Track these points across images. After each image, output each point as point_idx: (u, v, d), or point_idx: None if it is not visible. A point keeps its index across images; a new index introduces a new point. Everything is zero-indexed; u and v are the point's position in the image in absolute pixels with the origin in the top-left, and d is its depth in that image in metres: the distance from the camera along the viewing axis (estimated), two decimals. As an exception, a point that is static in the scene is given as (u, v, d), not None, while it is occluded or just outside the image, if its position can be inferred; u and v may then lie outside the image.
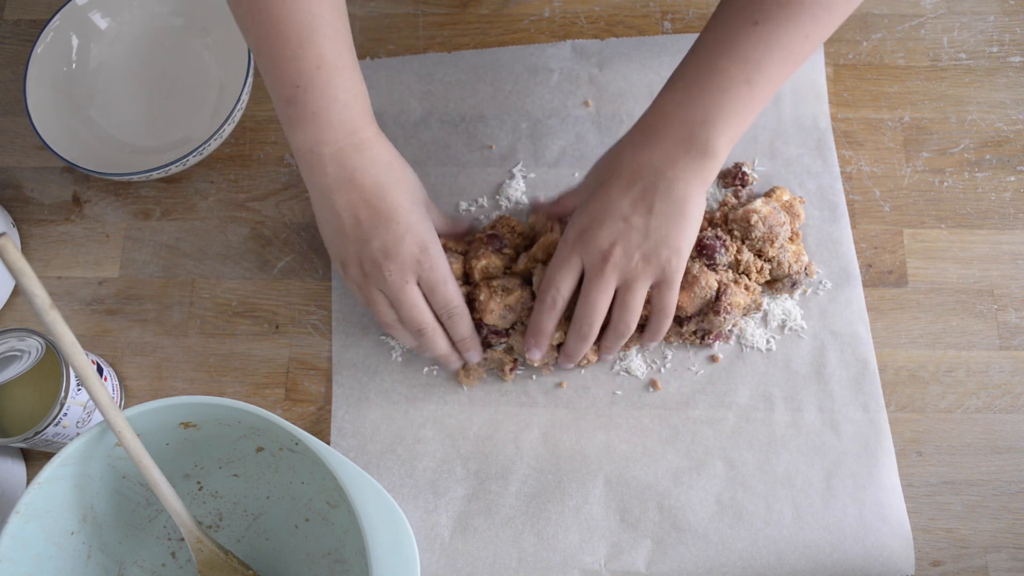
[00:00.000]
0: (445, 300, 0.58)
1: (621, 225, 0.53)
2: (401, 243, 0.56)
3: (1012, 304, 0.65)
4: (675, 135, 0.53)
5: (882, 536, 0.59)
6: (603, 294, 0.55)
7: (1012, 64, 0.70)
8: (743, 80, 0.51)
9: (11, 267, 0.45)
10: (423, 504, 0.61)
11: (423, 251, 0.56)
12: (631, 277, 0.55)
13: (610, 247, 0.54)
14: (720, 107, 0.52)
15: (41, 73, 0.70)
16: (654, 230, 0.53)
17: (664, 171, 0.53)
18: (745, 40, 0.51)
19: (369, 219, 0.56)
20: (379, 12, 0.75)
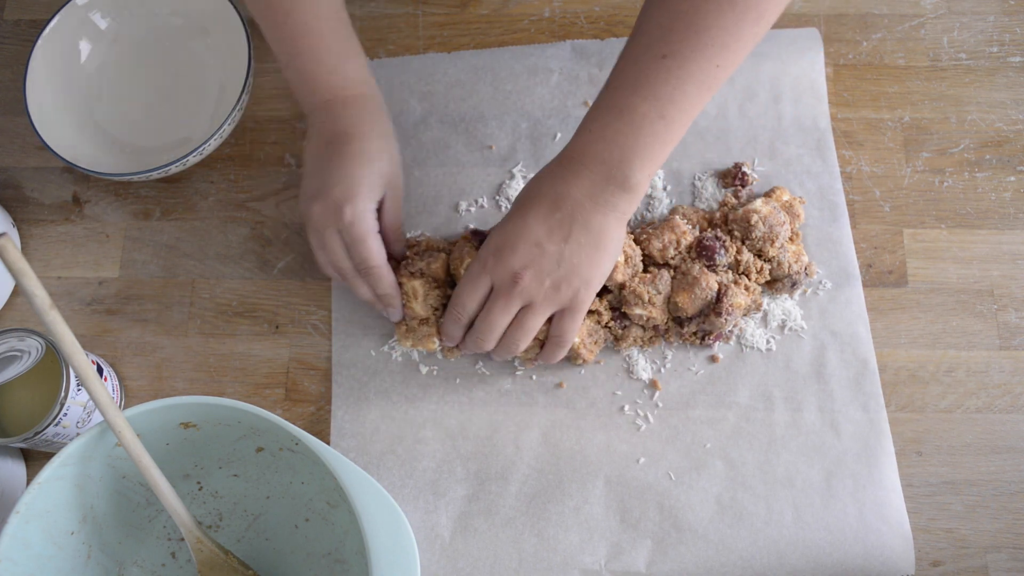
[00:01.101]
0: (360, 257, 0.59)
1: (535, 250, 0.54)
2: (333, 187, 0.57)
3: (1012, 304, 0.65)
4: (594, 172, 0.53)
5: (882, 536, 0.59)
6: (504, 315, 0.57)
7: (1012, 64, 0.70)
8: (657, 116, 0.52)
9: (11, 267, 0.45)
10: (423, 504, 0.61)
11: (348, 202, 0.57)
12: (536, 302, 0.56)
13: (521, 270, 0.54)
14: (636, 145, 0.52)
15: (41, 73, 0.70)
16: (567, 259, 0.54)
17: (583, 203, 0.54)
18: (655, 76, 0.51)
19: (322, 158, 0.58)
20: (379, 12, 0.75)
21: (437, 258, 0.62)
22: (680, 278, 0.61)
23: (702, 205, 0.67)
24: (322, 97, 0.59)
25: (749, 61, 0.70)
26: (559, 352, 0.60)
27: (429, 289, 0.61)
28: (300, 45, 0.58)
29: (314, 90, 0.59)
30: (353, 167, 0.57)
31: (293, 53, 0.59)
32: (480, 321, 0.58)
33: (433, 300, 0.62)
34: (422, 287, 0.61)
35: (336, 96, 0.59)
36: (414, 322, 0.62)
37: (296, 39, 0.58)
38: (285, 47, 0.59)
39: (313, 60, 0.59)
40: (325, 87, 0.59)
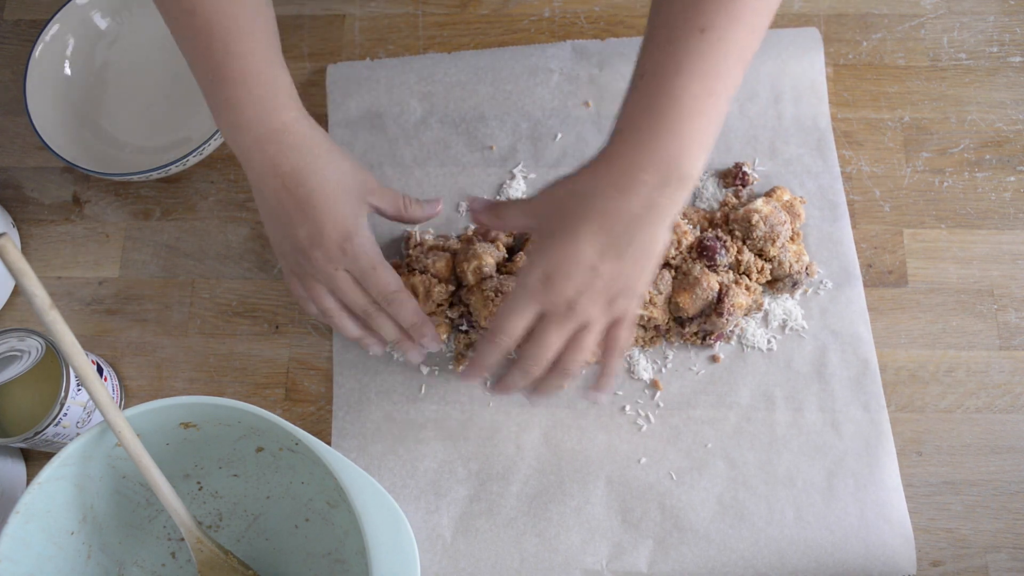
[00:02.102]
0: (378, 286, 0.56)
1: (589, 274, 0.50)
2: (323, 231, 0.54)
3: (1012, 304, 0.65)
4: (652, 177, 0.49)
5: (883, 535, 0.59)
6: (560, 339, 0.52)
7: (1012, 64, 0.71)
8: (706, 95, 0.48)
9: (11, 267, 0.45)
10: (425, 505, 0.61)
11: (346, 239, 0.55)
12: (591, 321, 0.52)
13: (576, 297, 0.51)
14: (693, 134, 0.49)
15: (41, 73, 0.70)
16: (622, 277, 0.51)
17: (641, 218, 0.49)
18: (696, 52, 0.48)
19: (291, 206, 0.55)
20: (379, 12, 0.75)
21: (441, 257, 0.62)
22: (681, 278, 0.61)
23: (703, 205, 0.67)
24: (252, 132, 0.54)
25: (749, 61, 0.70)
26: (616, 364, 0.55)
27: (432, 285, 0.61)
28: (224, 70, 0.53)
29: (240, 123, 0.54)
30: (327, 203, 0.54)
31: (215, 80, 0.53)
32: (531, 347, 0.53)
33: (437, 296, 0.62)
34: (422, 284, 0.61)
35: (267, 130, 0.54)
36: None
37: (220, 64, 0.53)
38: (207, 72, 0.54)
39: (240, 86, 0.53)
40: (254, 120, 0.54)
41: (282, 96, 0.55)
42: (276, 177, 0.55)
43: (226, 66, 0.53)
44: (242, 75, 0.53)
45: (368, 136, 0.71)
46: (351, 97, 0.72)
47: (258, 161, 0.55)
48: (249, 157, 0.55)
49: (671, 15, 0.49)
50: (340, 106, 0.71)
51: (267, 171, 0.55)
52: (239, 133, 0.54)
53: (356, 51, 0.74)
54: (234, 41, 0.53)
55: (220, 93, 0.54)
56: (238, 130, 0.54)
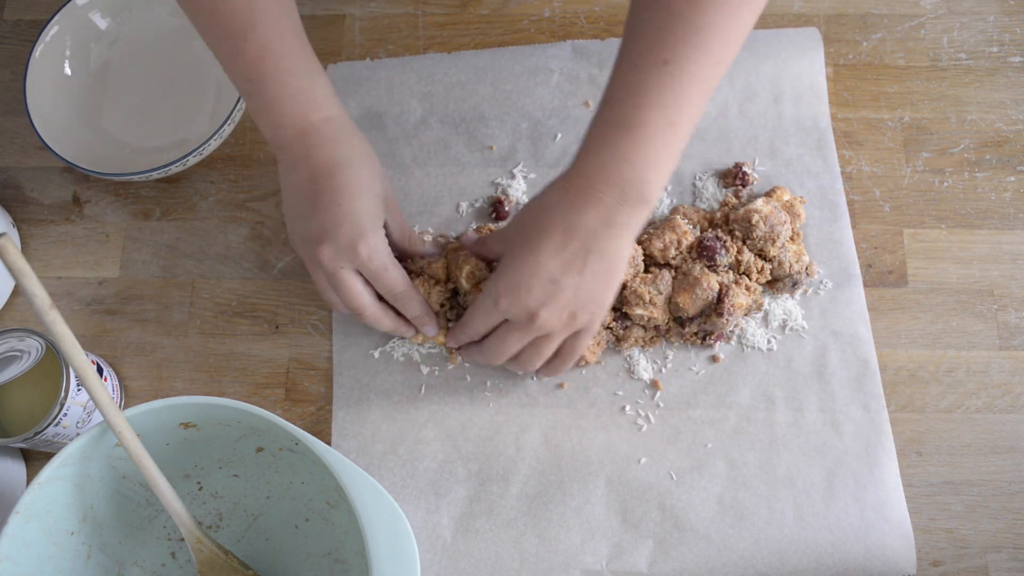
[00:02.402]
0: (389, 287, 0.57)
1: (550, 287, 0.53)
2: (339, 227, 0.55)
3: (1012, 304, 0.65)
4: (609, 196, 0.51)
5: (883, 535, 0.59)
6: (519, 344, 0.56)
7: (1012, 64, 0.71)
8: (665, 125, 0.50)
9: (11, 267, 0.45)
10: (425, 505, 0.61)
11: (361, 238, 0.55)
12: (553, 332, 0.55)
13: (538, 308, 0.53)
14: (649, 160, 0.51)
15: (41, 73, 0.70)
16: (584, 289, 0.53)
17: (598, 231, 0.52)
18: (658, 84, 0.50)
19: (314, 196, 0.55)
20: (379, 12, 0.75)
21: (438, 259, 0.63)
22: (681, 278, 0.61)
23: (703, 205, 0.67)
24: (292, 128, 0.55)
25: (749, 61, 0.70)
26: (566, 367, 0.59)
27: (431, 287, 0.61)
28: (262, 70, 0.54)
29: (281, 121, 0.55)
30: (351, 201, 0.55)
31: (253, 79, 0.54)
32: (493, 343, 0.57)
33: (436, 297, 0.62)
34: (421, 285, 0.61)
35: (308, 124, 0.55)
36: None
37: (257, 64, 0.54)
38: (245, 74, 0.55)
39: (278, 85, 0.54)
40: (293, 116, 0.55)
41: (321, 93, 0.56)
42: (307, 168, 0.55)
43: (263, 67, 0.54)
44: (280, 75, 0.54)
45: (368, 136, 0.70)
46: (351, 97, 0.72)
47: (293, 153, 0.56)
48: (286, 153, 0.56)
49: (636, 45, 0.51)
50: (340, 106, 0.71)
51: (299, 162, 0.55)
52: (280, 129, 0.55)
53: (356, 51, 0.74)
54: (270, 41, 0.54)
55: (259, 91, 0.55)
56: (278, 126, 0.55)
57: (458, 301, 0.63)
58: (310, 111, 0.55)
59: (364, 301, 0.58)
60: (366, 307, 0.58)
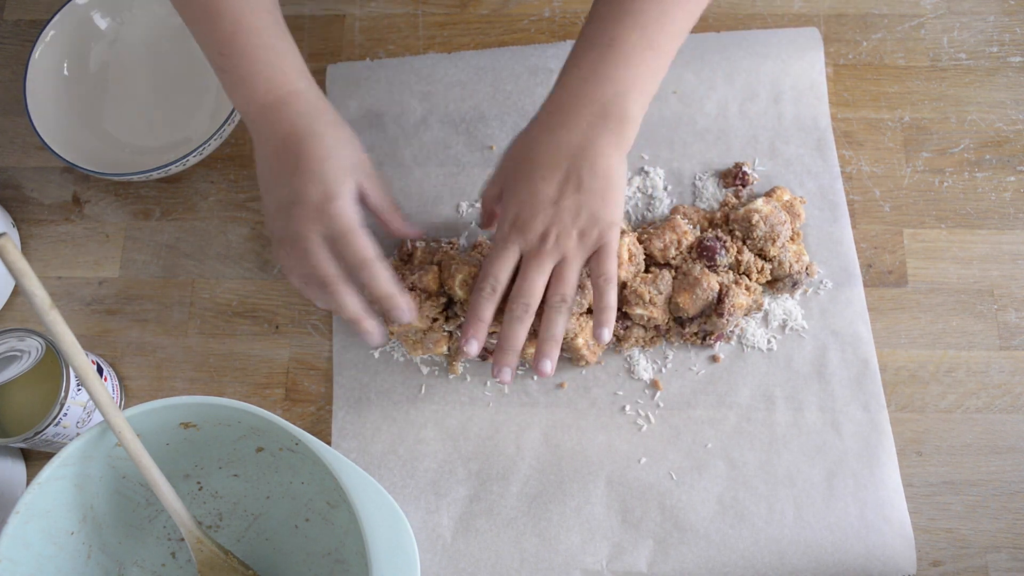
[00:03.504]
0: (352, 250, 0.54)
1: (551, 210, 0.54)
2: (304, 189, 0.54)
3: (1012, 304, 0.65)
4: (589, 113, 0.52)
5: (883, 535, 0.59)
6: (541, 274, 0.55)
7: (1012, 64, 0.71)
8: (646, 47, 0.52)
9: (11, 267, 0.45)
10: (425, 505, 0.61)
11: (328, 199, 0.54)
12: (568, 255, 0.55)
13: (545, 232, 0.54)
14: (628, 78, 0.52)
15: (41, 73, 0.70)
16: (585, 207, 0.54)
17: (585, 149, 0.53)
18: (640, 5, 0.51)
19: (282, 165, 0.55)
20: (379, 12, 0.75)
21: (428, 271, 0.61)
22: (681, 278, 0.61)
23: (703, 205, 0.67)
24: (262, 102, 0.55)
25: (749, 61, 0.70)
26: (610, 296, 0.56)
27: (422, 301, 0.61)
28: (234, 45, 0.55)
29: (252, 95, 0.55)
30: (318, 164, 0.54)
31: (226, 54, 0.55)
32: (517, 287, 0.56)
33: (429, 311, 0.61)
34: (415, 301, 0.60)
35: (276, 98, 0.55)
36: (418, 334, 0.62)
37: (229, 39, 0.55)
38: (218, 48, 0.55)
39: (249, 60, 0.55)
40: (263, 90, 0.55)
41: (290, 68, 0.57)
42: (275, 139, 0.55)
43: (236, 41, 0.55)
44: (253, 49, 0.55)
45: (368, 136, 0.71)
46: (351, 97, 0.72)
47: (262, 127, 0.56)
48: (256, 126, 0.56)
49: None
50: (340, 106, 0.71)
51: (268, 134, 0.56)
52: (248, 104, 0.56)
53: (356, 51, 0.74)
54: (243, 16, 0.55)
55: (231, 66, 0.55)
56: (248, 101, 0.56)
57: (454, 311, 0.62)
58: (279, 85, 0.56)
59: (330, 270, 0.54)
60: (332, 278, 0.54)
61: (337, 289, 0.55)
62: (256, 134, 0.57)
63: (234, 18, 0.55)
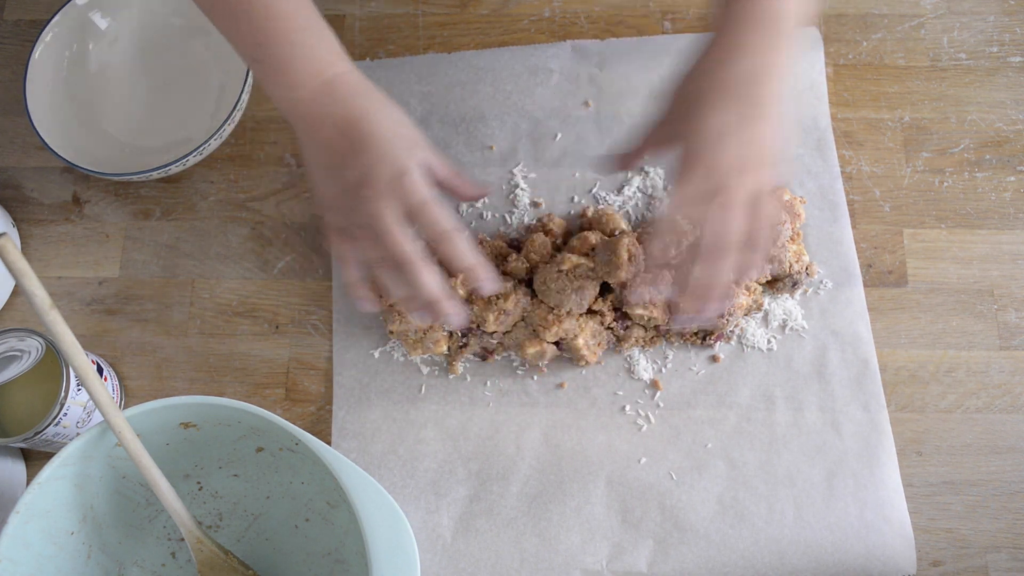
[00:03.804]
0: (432, 220, 0.52)
1: (735, 142, 0.51)
2: (374, 168, 0.52)
3: (1012, 304, 0.65)
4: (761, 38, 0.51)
5: (884, 535, 0.59)
6: (737, 210, 0.51)
7: (1012, 64, 0.71)
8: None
9: (11, 267, 0.45)
10: (425, 505, 0.61)
11: (400, 174, 0.52)
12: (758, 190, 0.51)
13: (737, 162, 0.51)
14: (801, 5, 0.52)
15: (41, 73, 0.70)
16: (766, 138, 0.51)
17: (760, 75, 0.51)
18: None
19: (344, 149, 0.53)
20: (379, 12, 0.75)
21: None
22: (681, 278, 0.61)
23: (702, 205, 0.67)
24: (308, 88, 0.54)
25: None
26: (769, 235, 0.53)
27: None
28: (270, 31, 0.53)
29: (296, 82, 0.54)
30: (384, 143, 0.53)
31: (262, 43, 0.53)
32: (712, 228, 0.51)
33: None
34: None
35: (323, 82, 0.54)
36: (418, 333, 0.62)
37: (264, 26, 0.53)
38: (254, 38, 0.54)
39: (288, 44, 0.53)
40: (308, 75, 0.54)
41: (331, 49, 0.55)
42: (330, 124, 0.54)
43: (271, 28, 0.53)
44: (289, 34, 0.54)
45: (368, 136, 0.70)
46: (351, 97, 0.72)
47: (312, 113, 0.54)
48: (303, 112, 0.54)
49: None
50: (340, 106, 0.71)
51: (321, 121, 0.54)
52: (293, 91, 0.54)
53: (356, 51, 0.74)
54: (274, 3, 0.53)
55: (269, 55, 0.54)
56: (292, 88, 0.54)
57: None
58: (324, 68, 0.54)
59: (410, 247, 0.52)
60: (412, 255, 0.52)
61: (419, 268, 0.52)
62: (303, 121, 0.55)
63: (266, 3, 0.53)
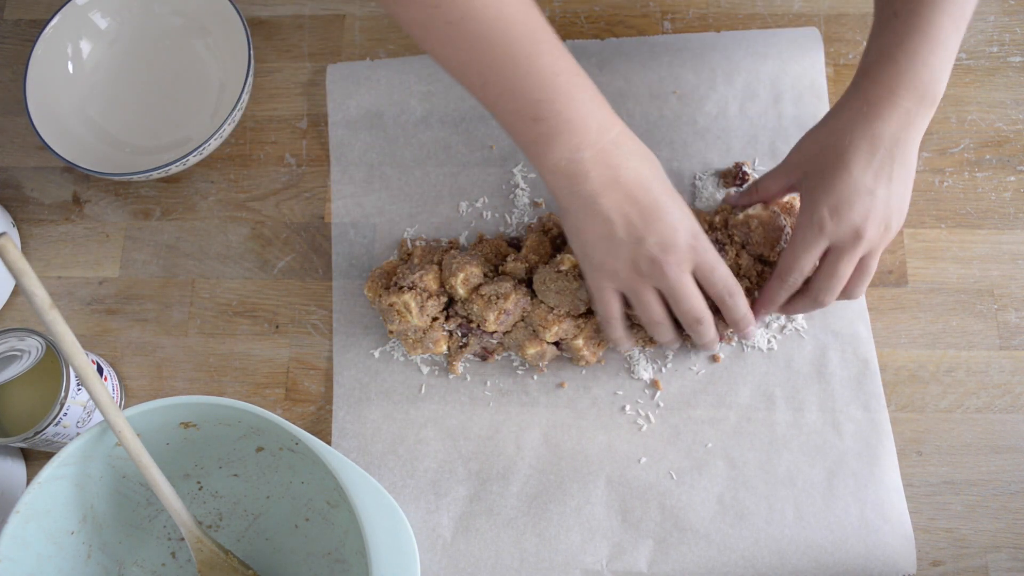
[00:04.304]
0: (724, 281, 0.56)
1: (868, 200, 0.54)
2: (676, 234, 0.54)
3: (1012, 304, 0.65)
4: (908, 100, 0.54)
5: (884, 535, 0.59)
6: (851, 267, 0.56)
7: (1012, 64, 0.71)
8: (954, 30, 0.54)
9: (11, 267, 0.45)
10: (425, 505, 0.61)
11: (696, 238, 0.55)
12: (875, 248, 0.56)
13: (863, 223, 0.54)
14: (942, 64, 0.54)
15: (41, 73, 0.70)
16: (895, 198, 0.55)
17: (900, 138, 0.54)
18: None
19: (640, 216, 0.53)
20: (379, 12, 0.75)
21: (429, 270, 0.61)
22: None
23: (701, 205, 0.67)
24: (594, 148, 0.52)
25: (749, 61, 0.70)
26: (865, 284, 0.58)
27: (424, 301, 0.61)
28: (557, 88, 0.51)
29: (582, 143, 0.51)
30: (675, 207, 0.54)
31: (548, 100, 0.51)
32: (823, 280, 0.57)
33: (431, 310, 0.61)
34: (414, 300, 0.60)
35: (608, 142, 0.52)
36: (418, 333, 0.62)
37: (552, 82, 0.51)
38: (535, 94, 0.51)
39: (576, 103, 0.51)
40: (593, 135, 0.52)
41: (607, 107, 0.54)
42: (619, 188, 0.53)
43: (561, 83, 0.51)
44: (576, 89, 0.52)
45: (368, 136, 0.71)
46: (351, 97, 0.72)
47: (596, 176, 0.52)
48: (586, 174, 0.52)
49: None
50: (340, 106, 0.71)
51: (607, 184, 0.53)
52: (580, 151, 0.52)
53: (356, 51, 0.74)
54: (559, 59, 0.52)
55: (554, 113, 0.51)
56: (579, 149, 0.52)
57: (455, 311, 0.62)
58: (607, 128, 0.53)
59: (704, 304, 0.56)
60: (705, 311, 0.56)
61: (711, 322, 0.57)
62: (582, 186, 0.53)
63: (552, 60, 0.51)
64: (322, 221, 0.69)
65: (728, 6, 0.73)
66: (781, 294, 0.58)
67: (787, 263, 0.57)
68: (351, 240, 0.68)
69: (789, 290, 0.58)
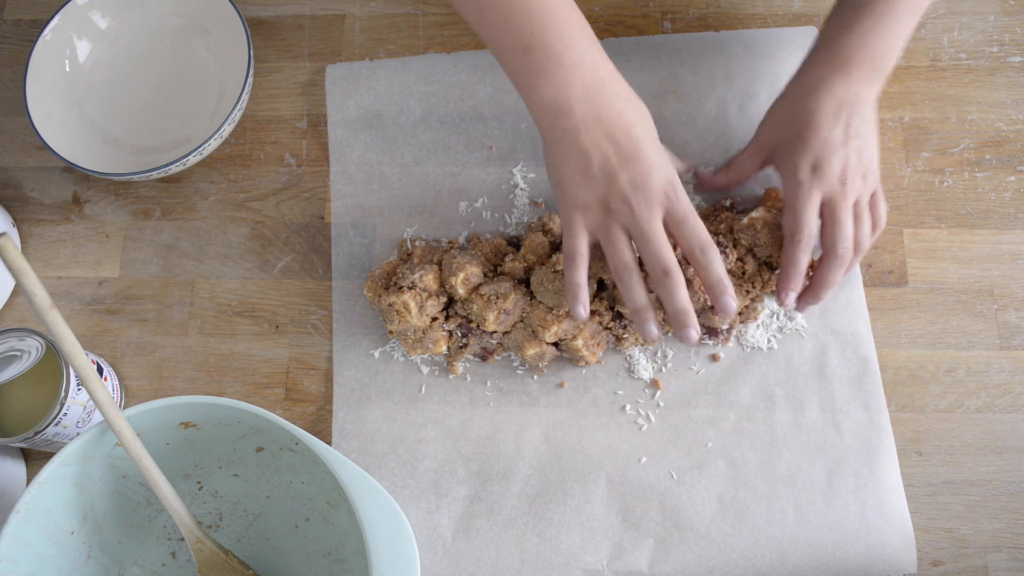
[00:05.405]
0: (695, 232, 0.55)
1: (843, 152, 0.58)
2: (650, 177, 0.54)
3: (1012, 304, 0.65)
4: (863, 68, 0.58)
5: (884, 534, 0.59)
6: (849, 215, 0.58)
7: (1012, 64, 0.71)
8: (909, 9, 0.59)
9: (11, 267, 0.45)
10: (425, 505, 0.61)
11: (670, 184, 0.55)
12: (861, 196, 0.59)
13: (842, 173, 0.58)
14: (895, 40, 0.59)
15: (41, 73, 0.70)
16: (866, 149, 0.59)
17: (857, 102, 0.58)
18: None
19: (616, 154, 0.54)
20: (379, 12, 0.75)
21: (429, 270, 0.61)
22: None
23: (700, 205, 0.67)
24: (583, 85, 0.54)
25: (749, 61, 0.70)
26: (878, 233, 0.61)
27: (423, 301, 0.61)
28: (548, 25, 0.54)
29: (571, 78, 0.54)
30: (654, 150, 0.55)
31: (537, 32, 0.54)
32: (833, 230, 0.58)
33: (430, 309, 0.61)
34: (413, 300, 0.60)
35: (597, 80, 0.55)
36: (418, 333, 0.62)
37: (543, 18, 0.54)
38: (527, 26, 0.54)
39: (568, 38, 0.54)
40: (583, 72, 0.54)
41: (598, 49, 0.56)
42: (600, 126, 0.54)
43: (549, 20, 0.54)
44: (566, 27, 0.55)
45: (368, 136, 0.71)
46: (351, 97, 0.72)
47: (580, 112, 0.54)
48: (573, 110, 0.54)
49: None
50: (340, 106, 0.71)
51: (589, 121, 0.54)
52: (569, 87, 0.54)
53: (356, 51, 0.74)
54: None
55: (546, 47, 0.54)
56: (567, 85, 0.54)
57: (455, 311, 0.62)
58: (598, 66, 0.55)
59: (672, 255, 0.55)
60: (672, 261, 0.54)
61: (679, 278, 0.55)
62: (567, 119, 0.55)
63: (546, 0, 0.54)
64: (322, 221, 0.69)
65: (728, 6, 0.73)
66: (799, 255, 0.58)
67: (791, 224, 0.58)
68: (351, 240, 0.68)
69: (805, 249, 0.58)
